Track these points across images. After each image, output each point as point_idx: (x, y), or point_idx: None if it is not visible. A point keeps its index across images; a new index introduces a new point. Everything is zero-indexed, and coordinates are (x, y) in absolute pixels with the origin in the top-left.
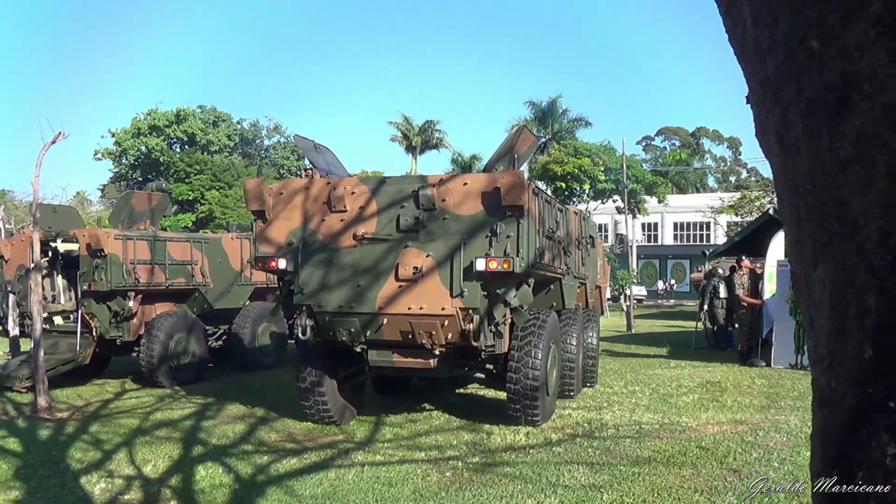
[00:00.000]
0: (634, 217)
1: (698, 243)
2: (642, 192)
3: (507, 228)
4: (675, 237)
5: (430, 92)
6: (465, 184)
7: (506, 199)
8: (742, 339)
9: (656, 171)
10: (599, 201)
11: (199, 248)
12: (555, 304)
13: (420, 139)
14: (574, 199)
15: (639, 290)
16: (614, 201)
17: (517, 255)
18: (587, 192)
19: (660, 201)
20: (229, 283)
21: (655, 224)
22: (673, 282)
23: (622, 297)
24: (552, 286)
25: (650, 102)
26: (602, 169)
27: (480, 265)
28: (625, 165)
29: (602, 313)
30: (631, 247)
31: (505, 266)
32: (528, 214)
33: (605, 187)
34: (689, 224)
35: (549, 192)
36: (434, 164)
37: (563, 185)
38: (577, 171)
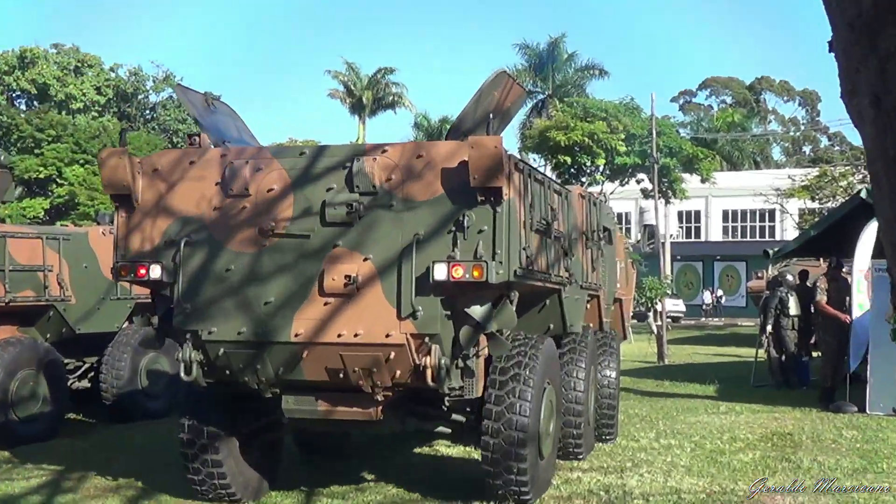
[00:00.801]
0: (668, 203)
1: (758, 238)
2: (679, 168)
3: (479, 220)
4: (726, 231)
5: (383, 31)
6: (420, 156)
7: (477, 177)
8: (824, 373)
9: (698, 138)
10: (619, 182)
11: (55, 247)
12: (552, 326)
13: (370, 95)
14: (584, 179)
15: (675, 305)
16: (639, 181)
17: (493, 259)
18: (602, 168)
19: (704, 181)
20: (99, 297)
21: (697, 213)
22: (720, 293)
23: (651, 314)
24: (547, 301)
25: (690, 43)
26: (622, 137)
27: (441, 273)
28: (654, 132)
29: (624, 337)
30: (663, 244)
31: (476, 274)
32: (510, 200)
33: (626, 162)
34: (744, 213)
35: (544, 169)
36: (390, 130)
37: (569, 159)
38: (587, 139)
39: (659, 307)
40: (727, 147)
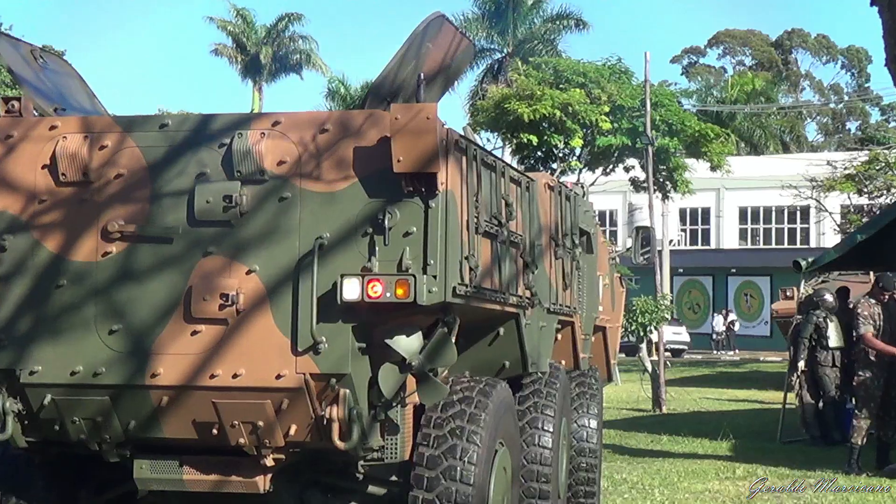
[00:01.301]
0: (667, 199)
1: (786, 245)
2: (681, 152)
3: (405, 219)
4: (744, 235)
5: None
6: (325, 130)
7: (402, 159)
8: (880, 424)
9: (707, 111)
10: (602, 170)
11: None
12: (508, 364)
13: (269, 52)
14: (555, 166)
15: (676, 334)
16: (629, 169)
17: (424, 272)
18: (579, 152)
19: (715, 168)
20: None
21: (706, 212)
22: (732, 318)
23: (645, 346)
24: (501, 330)
25: None
26: (606, 109)
27: (352, 291)
28: (648, 102)
29: (609, 378)
30: (660, 252)
31: (400, 293)
32: (449, 191)
33: (611, 144)
34: (768, 211)
35: (501, 153)
36: (295, 100)
37: (534, 139)
38: (559, 113)
39: (655, 337)
40: (746, 123)
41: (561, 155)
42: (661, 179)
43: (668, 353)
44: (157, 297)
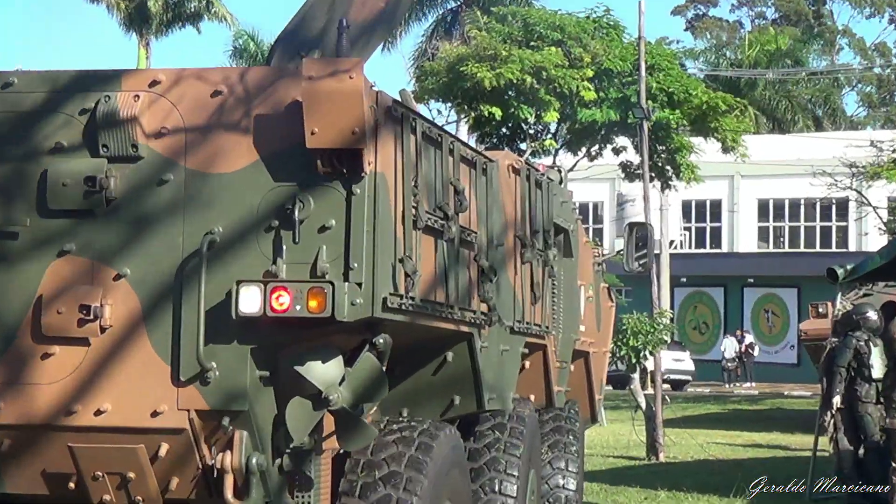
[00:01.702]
0: (667, 188)
1: (818, 249)
2: (685, 129)
3: (320, 209)
4: (764, 235)
5: None
6: (219, 92)
7: (317, 131)
8: None
9: (719, 77)
10: (584, 150)
11: None
12: (457, 399)
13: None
14: (524, 146)
15: (677, 361)
16: (618, 151)
17: (345, 279)
18: (556, 128)
19: (728, 149)
20: None
21: (717, 205)
22: (750, 340)
23: (638, 376)
24: (449, 356)
25: None
26: (590, 74)
27: (251, 302)
28: (642, 65)
29: (592, 419)
30: (658, 256)
31: (313, 305)
32: (378, 175)
33: (596, 118)
34: (795, 205)
35: (455, 130)
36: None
37: (498, 111)
38: (529, 78)
39: (651, 365)
40: (768, 93)
41: (532, 132)
42: (660, 164)
43: (667, 386)
44: None
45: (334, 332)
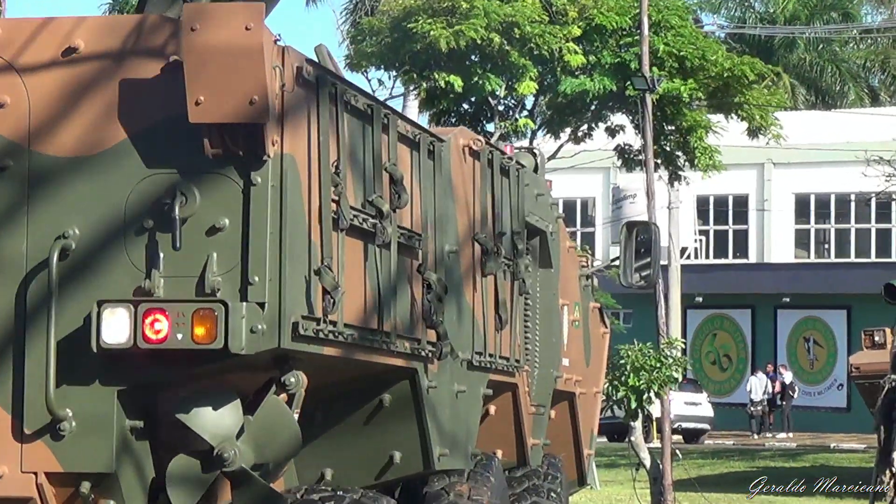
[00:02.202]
0: (678, 180)
1: (872, 259)
2: (701, 102)
3: (208, 206)
4: (802, 240)
5: None
6: (74, 49)
7: (204, 101)
8: None
9: (743, 36)
10: (570, 132)
11: None
12: (398, 457)
13: None
14: (491, 127)
15: (691, 404)
16: (614, 132)
17: (241, 297)
18: (534, 103)
19: (756, 131)
20: None
21: (742, 201)
22: (786, 378)
23: (639, 424)
24: (385, 399)
25: None
26: (578, 31)
27: (118, 330)
28: (645, 21)
29: (580, 481)
30: (666, 268)
31: (199, 333)
32: (285, 157)
33: (586, 89)
34: (842, 201)
35: (402, 108)
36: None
37: (458, 81)
38: (498, 38)
39: (657, 410)
40: (808, 57)
41: (502, 108)
42: (668, 148)
43: (678, 437)
44: None
45: (231, 368)
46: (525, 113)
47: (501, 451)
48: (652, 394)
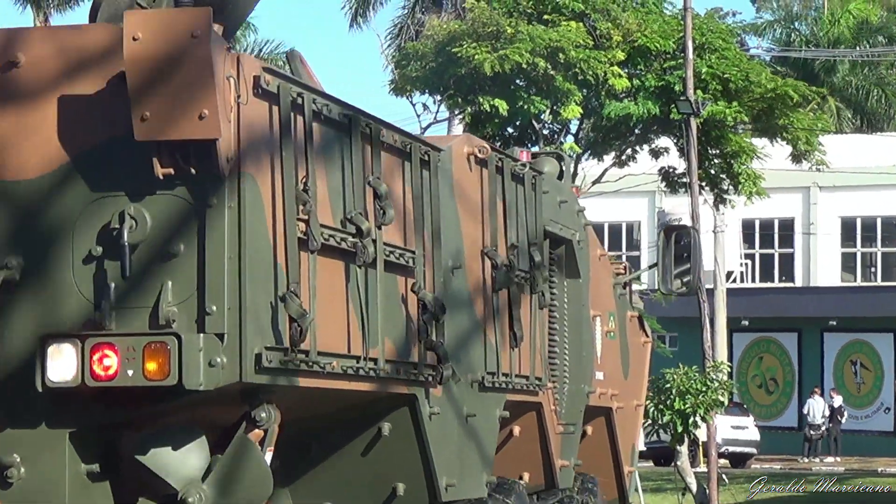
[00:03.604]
0: (723, 204)
1: None
2: (745, 125)
3: (161, 230)
4: (849, 264)
5: None
6: (14, 63)
7: (150, 117)
8: None
9: (787, 58)
10: (614, 156)
11: None
12: (401, 489)
13: None
14: (537, 148)
15: (738, 427)
16: (658, 154)
17: (198, 328)
18: (578, 126)
19: (800, 155)
20: None
21: (787, 225)
22: (836, 402)
23: (685, 448)
24: (383, 428)
25: None
26: (622, 55)
27: (64, 367)
28: (689, 44)
29: (622, 501)
30: (712, 292)
31: (152, 369)
32: (246, 177)
33: (631, 112)
34: (890, 225)
35: (440, 128)
36: None
37: (503, 104)
38: (543, 63)
39: (703, 433)
40: (854, 79)
41: (547, 132)
42: (713, 172)
43: (724, 461)
44: None
45: (195, 404)
46: (570, 137)
47: (528, 475)
48: (698, 418)
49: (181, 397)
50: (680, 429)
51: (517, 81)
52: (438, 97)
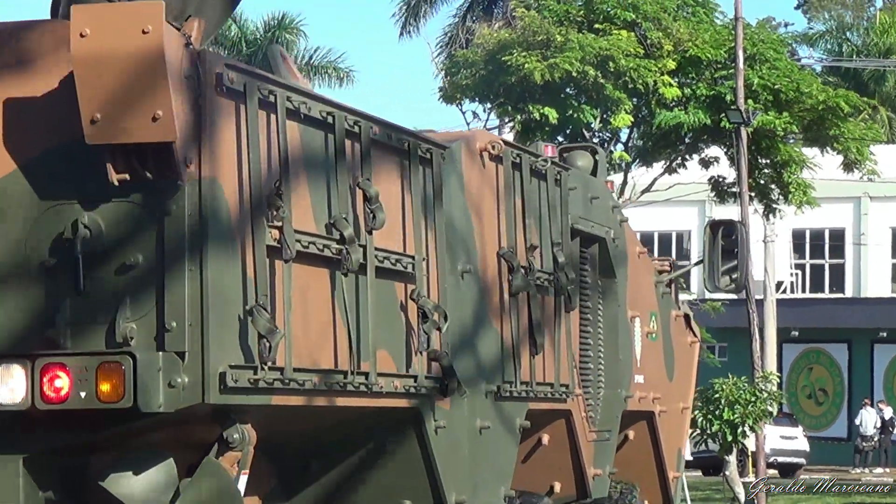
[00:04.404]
0: (772, 214)
1: None
2: (795, 135)
3: (116, 240)
4: None
5: None
6: None
7: (101, 119)
8: None
9: (838, 68)
10: (664, 165)
11: None
12: None
13: None
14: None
15: (787, 437)
16: (708, 163)
17: (158, 347)
18: (628, 135)
19: (851, 165)
20: None
21: (838, 235)
22: (886, 413)
23: (734, 457)
24: (387, 442)
25: None
26: (673, 64)
27: (12, 388)
28: (740, 53)
29: None
30: (761, 302)
31: (105, 390)
32: (208, 182)
33: (681, 122)
34: None
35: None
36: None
37: (553, 113)
38: (593, 71)
39: (752, 444)
40: None
41: (596, 141)
42: (763, 182)
43: (773, 472)
44: None
45: (162, 425)
46: (619, 145)
47: (560, 484)
48: (746, 428)
49: (143, 420)
50: (729, 439)
51: (567, 90)
52: (488, 105)
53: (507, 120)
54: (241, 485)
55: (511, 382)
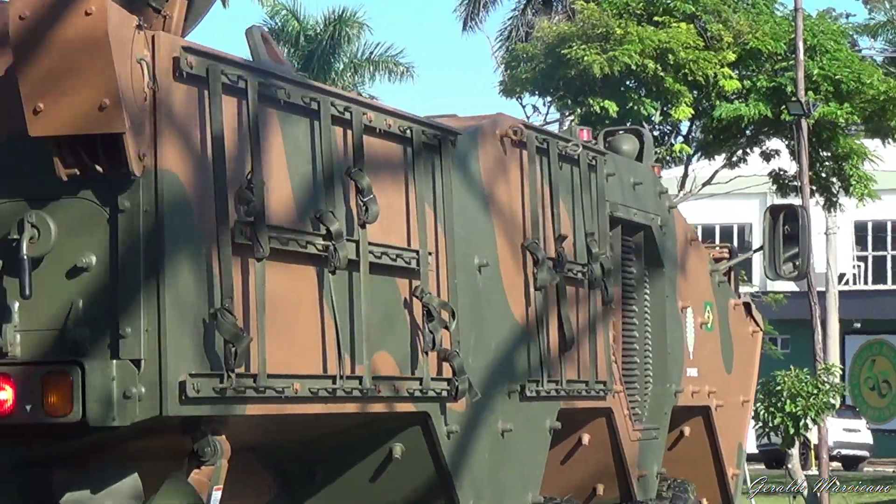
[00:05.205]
0: (834, 207)
1: None
2: (857, 127)
3: (66, 240)
4: None
5: None
6: None
7: (44, 109)
8: None
9: (895, 55)
10: (724, 157)
11: None
12: None
13: None
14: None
15: (850, 431)
16: (769, 156)
17: (112, 356)
18: (689, 128)
19: None
20: None
21: None
22: None
23: (797, 450)
24: (394, 449)
25: None
26: (733, 57)
27: None
28: (800, 45)
29: None
30: (823, 294)
31: (53, 402)
32: (164, 175)
33: (742, 114)
34: None
35: (552, 129)
36: (216, 32)
37: (613, 106)
38: (653, 64)
39: (814, 436)
40: None
41: (657, 133)
42: (824, 175)
43: (836, 464)
44: None
45: (124, 438)
46: (680, 138)
47: (602, 486)
48: (809, 420)
49: (99, 433)
50: (791, 431)
51: (627, 83)
52: (548, 98)
53: (566, 113)
54: (215, 502)
55: (537, 381)
